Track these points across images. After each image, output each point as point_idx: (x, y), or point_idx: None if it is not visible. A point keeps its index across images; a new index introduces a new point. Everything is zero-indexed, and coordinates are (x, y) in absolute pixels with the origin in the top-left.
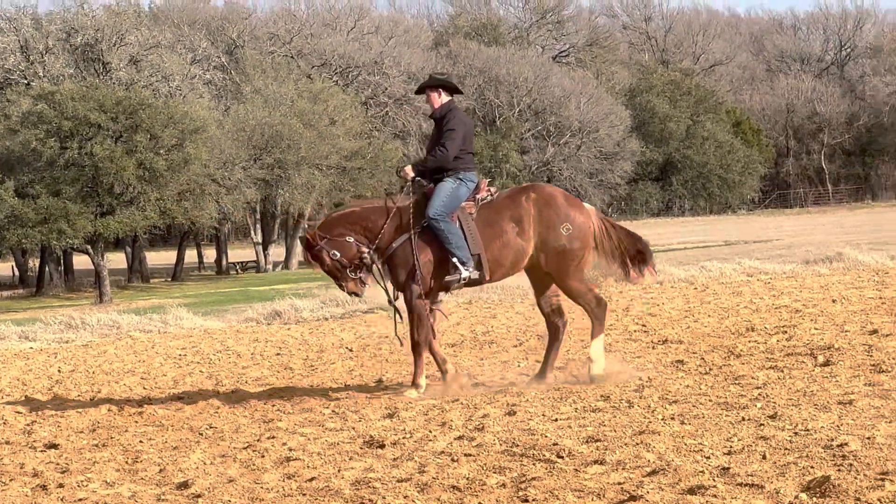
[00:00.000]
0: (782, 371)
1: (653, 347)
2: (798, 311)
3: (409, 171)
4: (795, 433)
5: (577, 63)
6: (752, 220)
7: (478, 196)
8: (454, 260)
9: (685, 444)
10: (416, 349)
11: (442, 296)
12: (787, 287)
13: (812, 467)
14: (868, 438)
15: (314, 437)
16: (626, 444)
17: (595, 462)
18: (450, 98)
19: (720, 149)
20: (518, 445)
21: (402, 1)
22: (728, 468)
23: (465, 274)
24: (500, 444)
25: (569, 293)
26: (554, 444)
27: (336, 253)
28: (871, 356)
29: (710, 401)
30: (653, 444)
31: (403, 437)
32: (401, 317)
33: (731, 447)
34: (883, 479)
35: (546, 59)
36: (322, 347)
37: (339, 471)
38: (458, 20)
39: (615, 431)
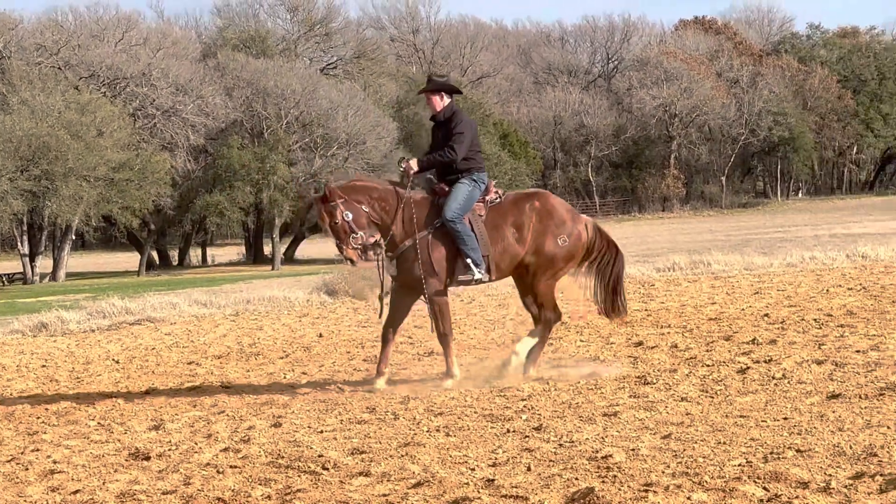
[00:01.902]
0: (548, 383)
1: (419, 359)
2: (564, 323)
3: (413, 165)
4: (560, 445)
5: (345, 75)
6: None
7: (487, 198)
8: (468, 261)
9: (450, 456)
10: (443, 340)
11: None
12: None
13: (576, 479)
14: (632, 450)
15: (79, 450)
16: (391, 456)
17: (360, 474)
18: (451, 100)
19: (487, 161)
20: (283, 457)
21: (170, 12)
22: (493, 480)
23: (478, 276)
24: (266, 456)
25: (536, 292)
26: (319, 456)
27: (349, 215)
28: (636, 368)
29: (476, 412)
30: (418, 456)
31: (169, 449)
32: (380, 310)
33: (495, 459)
34: (647, 491)
35: (314, 72)
36: (88, 359)
37: (103, 483)
38: (227, 32)
39: (381, 443)
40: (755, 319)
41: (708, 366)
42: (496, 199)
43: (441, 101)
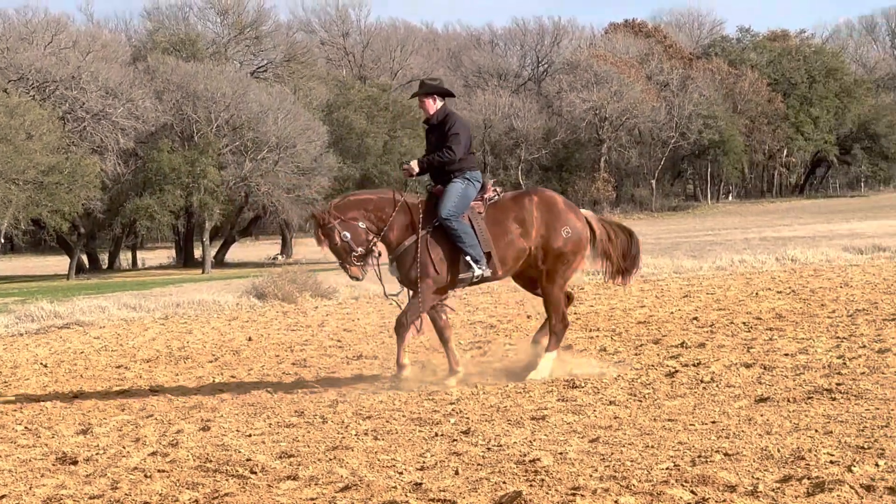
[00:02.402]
0: (476, 386)
1: (348, 363)
2: (493, 327)
3: (414, 166)
4: (488, 448)
5: (276, 78)
6: None
7: (485, 196)
8: (467, 258)
9: (378, 460)
10: (398, 330)
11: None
12: (483, 303)
13: (504, 482)
14: (560, 454)
15: (6, 454)
16: (319, 460)
17: (288, 478)
18: (443, 102)
19: None
20: (212, 461)
21: (99, 15)
22: (421, 483)
23: (478, 272)
24: (194, 460)
25: (547, 297)
26: (247, 460)
27: (347, 234)
28: (566, 370)
29: (404, 416)
30: (346, 460)
31: (97, 454)
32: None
33: (424, 462)
34: (574, 494)
35: (244, 75)
36: (16, 363)
37: (30, 488)
38: (157, 35)
39: (309, 447)
40: (684, 323)
41: (636, 369)
42: (494, 196)
43: (434, 104)
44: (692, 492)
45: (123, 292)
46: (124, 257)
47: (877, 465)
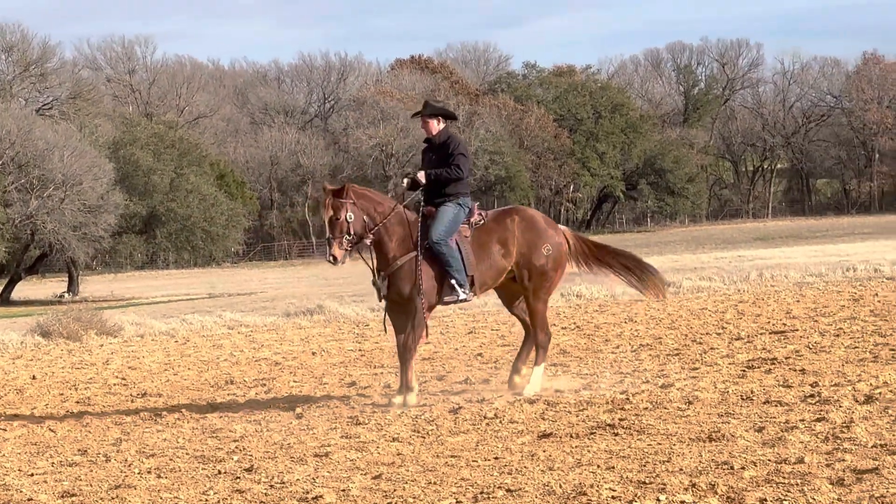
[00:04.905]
0: (260, 423)
1: (132, 401)
2: (278, 364)
3: (422, 177)
4: (271, 486)
5: (61, 116)
6: (237, 272)
7: (472, 220)
8: (452, 282)
9: (161, 498)
10: (405, 353)
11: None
12: (268, 340)
13: None
14: (343, 490)
15: None
16: (101, 499)
17: None
18: (446, 124)
19: (204, 201)
20: None
21: None
22: None
23: (462, 296)
24: None
25: (533, 312)
26: (29, 500)
27: (352, 216)
28: (351, 408)
29: (188, 454)
30: (129, 499)
31: None
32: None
33: (206, 500)
34: None
35: (29, 112)
36: None
37: None
38: None
39: (91, 486)
40: (468, 359)
41: (420, 405)
42: (480, 220)
43: (437, 126)
44: None
45: None
46: None
47: (658, 500)
